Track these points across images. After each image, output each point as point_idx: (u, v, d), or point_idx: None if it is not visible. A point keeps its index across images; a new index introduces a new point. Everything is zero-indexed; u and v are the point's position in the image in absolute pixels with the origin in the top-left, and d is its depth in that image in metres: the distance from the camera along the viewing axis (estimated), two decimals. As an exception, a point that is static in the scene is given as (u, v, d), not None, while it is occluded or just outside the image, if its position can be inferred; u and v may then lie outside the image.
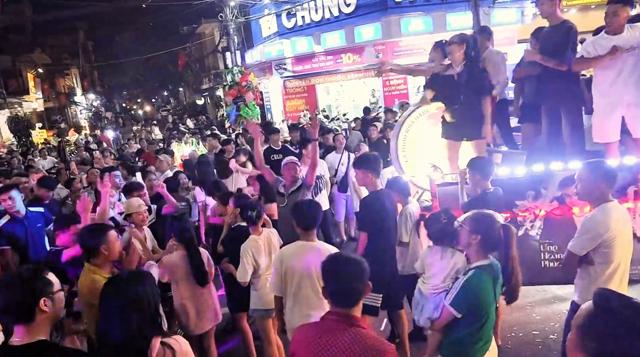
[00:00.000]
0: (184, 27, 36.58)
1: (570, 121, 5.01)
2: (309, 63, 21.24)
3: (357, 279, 2.21)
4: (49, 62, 36.49)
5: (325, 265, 2.30)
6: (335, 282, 2.23)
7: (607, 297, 1.54)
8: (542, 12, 5.02)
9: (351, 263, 2.25)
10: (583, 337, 1.51)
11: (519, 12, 18.82)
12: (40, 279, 2.21)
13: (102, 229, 3.41)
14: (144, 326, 2.14)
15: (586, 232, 3.15)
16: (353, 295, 2.21)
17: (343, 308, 2.20)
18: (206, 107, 40.01)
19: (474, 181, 4.25)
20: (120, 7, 26.37)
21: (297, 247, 3.56)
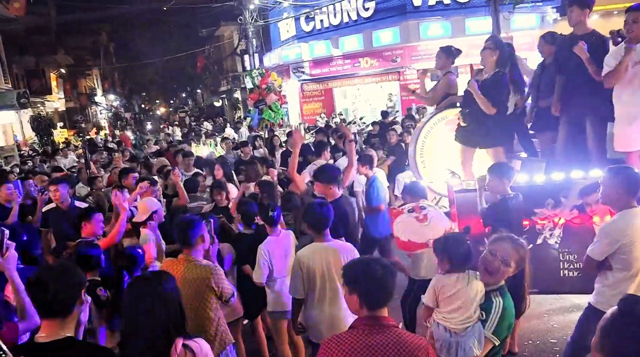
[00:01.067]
0: (203, 30, 37.00)
1: (595, 130, 4.95)
2: (327, 66, 21.30)
3: (390, 280, 2.25)
4: (72, 63, 37.16)
5: (357, 269, 2.29)
6: (369, 285, 2.22)
7: (632, 302, 1.55)
8: (571, 20, 4.96)
9: (382, 264, 2.27)
10: (603, 338, 1.53)
11: (539, 17, 18.63)
12: (79, 273, 2.28)
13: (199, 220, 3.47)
14: (170, 325, 2.17)
15: (605, 237, 3.21)
16: (387, 296, 2.24)
17: (376, 310, 2.22)
18: (224, 109, 40.34)
19: (495, 187, 4.21)
20: (141, 9, 26.76)
21: (314, 248, 3.58)
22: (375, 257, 2.42)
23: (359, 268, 2.28)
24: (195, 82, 48.34)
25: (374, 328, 2.18)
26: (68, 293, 2.15)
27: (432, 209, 4.49)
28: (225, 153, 10.55)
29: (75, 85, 40.09)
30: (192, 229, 3.32)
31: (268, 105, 14.95)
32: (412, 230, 4.22)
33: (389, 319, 2.25)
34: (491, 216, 4.21)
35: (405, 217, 4.30)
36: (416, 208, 4.34)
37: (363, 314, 2.23)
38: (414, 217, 4.07)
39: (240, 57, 29.59)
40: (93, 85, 43.63)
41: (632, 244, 3.11)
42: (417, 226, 4.19)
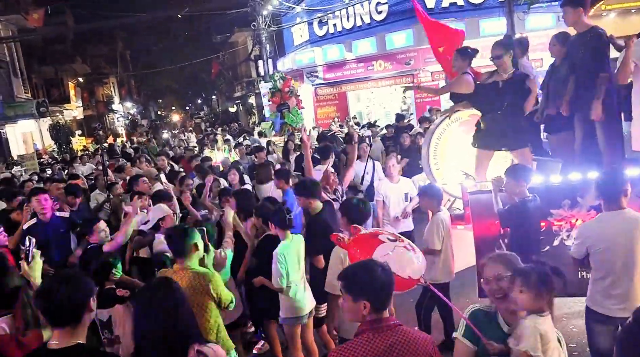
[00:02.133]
0: (218, 36, 37.39)
1: (605, 130, 4.86)
2: (340, 70, 21.31)
3: (392, 280, 2.29)
4: (89, 71, 37.81)
5: (361, 275, 2.27)
6: (378, 290, 2.22)
7: None
8: (567, 21, 4.91)
9: (381, 266, 2.28)
10: (619, 350, 1.48)
11: (555, 17, 18.38)
12: (86, 278, 2.28)
13: (191, 228, 3.52)
14: (185, 330, 2.17)
15: (577, 237, 3.48)
16: (391, 297, 2.30)
17: (383, 312, 2.24)
18: (238, 114, 40.62)
19: (514, 189, 4.13)
20: (156, 17, 27.11)
21: None
22: (371, 261, 2.38)
23: (363, 275, 2.26)
24: (210, 88, 48.80)
25: (382, 331, 2.19)
26: (76, 301, 2.15)
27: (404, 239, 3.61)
28: (240, 158, 10.60)
29: (92, 94, 40.74)
30: (185, 238, 3.35)
31: (290, 109, 14.93)
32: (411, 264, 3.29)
33: (391, 318, 2.28)
34: (510, 218, 4.16)
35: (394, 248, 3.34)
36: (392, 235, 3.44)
37: (369, 318, 2.22)
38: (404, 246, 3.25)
39: (254, 62, 29.79)
40: (110, 93, 44.29)
41: (604, 246, 3.27)
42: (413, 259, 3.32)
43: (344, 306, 2.32)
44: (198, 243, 3.40)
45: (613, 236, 3.28)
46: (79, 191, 6.66)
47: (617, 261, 3.26)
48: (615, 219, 3.31)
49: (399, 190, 6.02)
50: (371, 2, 19.51)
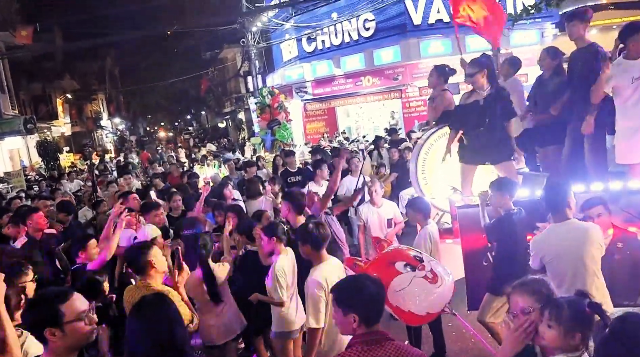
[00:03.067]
0: (207, 53, 37.52)
1: (592, 144, 4.97)
2: (329, 86, 21.48)
3: (383, 295, 2.34)
4: (78, 88, 37.69)
5: (351, 289, 2.31)
6: (368, 304, 2.27)
7: (623, 321, 1.54)
8: (572, 34, 5.03)
9: (372, 280, 2.34)
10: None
11: (539, 33, 18.78)
12: (48, 308, 2.13)
13: (148, 245, 3.51)
14: (185, 342, 2.18)
15: (532, 249, 3.65)
16: (382, 311, 2.33)
17: (374, 326, 2.27)
18: (228, 130, 40.63)
19: (499, 202, 4.21)
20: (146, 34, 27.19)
21: (329, 267, 3.49)
22: (363, 275, 2.43)
23: (353, 289, 2.31)
24: (199, 104, 48.82)
25: (372, 344, 2.21)
26: (31, 326, 2.16)
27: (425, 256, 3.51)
28: (229, 174, 10.61)
29: (81, 110, 40.57)
30: (139, 255, 3.36)
31: (281, 124, 14.73)
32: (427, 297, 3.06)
33: (385, 332, 2.27)
34: (496, 231, 4.22)
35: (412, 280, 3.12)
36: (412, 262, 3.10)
37: (360, 332, 2.25)
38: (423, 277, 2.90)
39: (243, 78, 29.91)
40: (99, 109, 44.13)
41: (554, 257, 3.41)
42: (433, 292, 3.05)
43: (336, 318, 2.35)
44: (155, 261, 3.36)
45: (561, 246, 3.42)
46: (72, 208, 6.62)
47: (567, 269, 3.39)
48: (561, 229, 3.47)
49: (382, 215, 5.67)
50: (359, 19, 19.77)
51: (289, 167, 8.88)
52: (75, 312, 2.15)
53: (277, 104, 15.56)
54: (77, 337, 2.15)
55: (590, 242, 3.38)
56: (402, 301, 3.06)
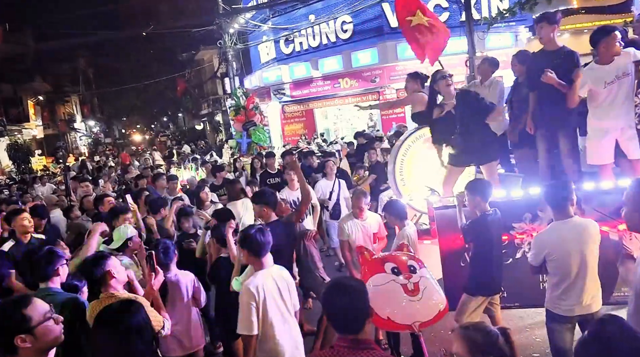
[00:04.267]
0: (183, 54, 37.12)
1: (567, 144, 5.06)
2: (307, 88, 21.48)
3: (360, 306, 2.23)
4: (50, 89, 36.83)
5: (325, 296, 2.30)
6: (339, 311, 2.24)
7: (602, 323, 1.55)
8: (542, 37, 5.11)
9: (348, 290, 2.26)
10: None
11: (513, 36, 19.11)
12: (13, 315, 2.09)
13: (103, 256, 3.38)
14: (147, 354, 2.12)
15: (534, 247, 3.75)
16: (360, 320, 2.22)
17: (352, 335, 2.21)
18: (205, 132, 40.26)
19: (473, 203, 4.27)
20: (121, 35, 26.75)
21: (264, 276, 3.38)
22: (344, 282, 2.34)
23: (328, 297, 2.28)
24: (176, 106, 48.25)
25: (352, 350, 2.18)
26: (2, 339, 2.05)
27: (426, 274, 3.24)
28: (206, 176, 10.50)
29: (53, 112, 39.62)
30: (94, 268, 3.20)
31: (256, 126, 14.45)
32: (397, 305, 3.00)
33: (369, 340, 2.24)
34: (471, 232, 4.26)
35: (388, 281, 3.08)
36: (401, 267, 3.02)
37: (339, 336, 2.24)
38: (401, 284, 2.82)
39: (220, 80, 29.70)
40: (72, 112, 43.17)
41: (559, 255, 3.54)
42: (403, 300, 2.97)
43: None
44: (115, 271, 3.24)
45: (566, 243, 3.53)
46: (45, 212, 6.44)
47: (572, 266, 3.53)
48: (565, 226, 3.57)
49: (367, 228, 5.19)
50: (336, 21, 19.83)
51: (269, 168, 8.81)
52: (41, 313, 2.12)
53: (252, 105, 15.26)
54: (48, 339, 2.13)
55: (592, 239, 3.55)
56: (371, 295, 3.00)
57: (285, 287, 3.42)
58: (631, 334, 1.53)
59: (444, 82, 5.18)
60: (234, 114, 15.57)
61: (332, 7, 19.42)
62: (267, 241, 3.40)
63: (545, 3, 10.33)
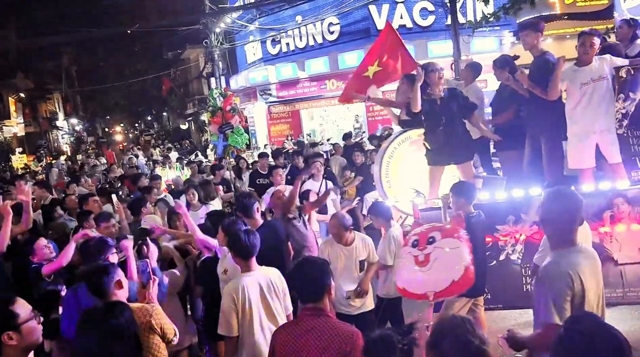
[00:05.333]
0: (169, 53, 36.83)
1: (549, 148, 5.15)
2: (294, 89, 21.47)
3: (317, 278, 2.65)
4: (32, 86, 36.22)
5: (292, 269, 2.76)
6: (301, 281, 2.69)
7: (577, 320, 1.60)
8: (526, 44, 5.21)
9: (311, 265, 2.72)
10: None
11: (498, 40, 19.35)
12: (1, 312, 2.09)
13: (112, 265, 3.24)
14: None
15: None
16: (317, 291, 2.64)
17: (310, 303, 2.65)
18: (190, 131, 39.98)
19: (458, 205, 4.32)
20: (105, 33, 26.41)
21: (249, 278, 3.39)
22: (309, 258, 2.87)
23: (295, 269, 2.76)
24: (161, 105, 47.82)
25: (308, 317, 2.63)
26: None
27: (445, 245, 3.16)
28: (191, 176, 10.43)
29: (35, 110, 38.99)
30: (104, 277, 3.02)
31: (234, 128, 14.17)
32: (408, 275, 3.11)
33: (326, 309, 2.65)
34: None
35: (405, 253, 3.19)
36: (421, 239, 3.08)
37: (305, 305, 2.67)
38: (414, 255, 2.90)
39: (206, 79, 29.52)
40: (54, 109, 42.54)
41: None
42: (413, 271, 3.03)
43: None
44: (122, 280, 3.13)
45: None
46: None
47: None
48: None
49: (352, 254, 4.37)
50: (323, 22, 19.86)
51: (260, 168, 8.78)
52: (27, 311, 2.13)
53: (229, 106, 14.88)
54: (31, 338, 2.12)
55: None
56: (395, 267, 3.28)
57: (272, 291, 3.39)
58: (606, 327, 1.58)
59: (436, 75, 5.30)
60: (210, 115, 15.27)
61: (319, 8, 19.45)
62: (253, 243, 3.41)
63: (529, 8, 10.50)
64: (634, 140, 4.73)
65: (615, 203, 4.48)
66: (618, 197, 4.48)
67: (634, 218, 4.47)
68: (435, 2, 18.36)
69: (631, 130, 4.76)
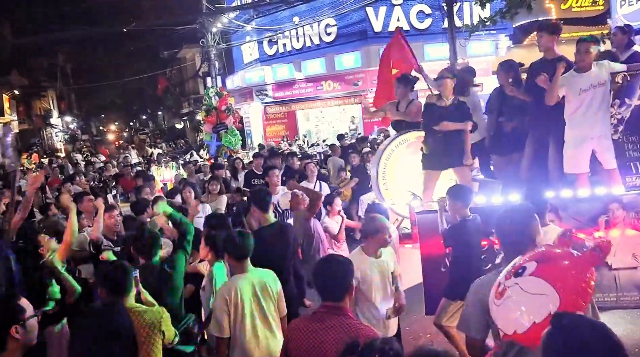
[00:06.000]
0: (165, 52, 36.70)
1: (556, 151, 5.17)
2: (290, 89, 21.47)
3: (341, 277, 2.59)
4: (26, 84, 36.02)
5: (317, 265, 2.70)
6: (322, 279, 2.62)
7: (560, 317, 1.62)
8: (541, 45, 5.23)
9: (336, 263, 2.65)
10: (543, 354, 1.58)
11: (494, 44, 19.45)
12: (11, 305, 2.14)
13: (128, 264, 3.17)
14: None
15: None
16: (339, 289, 2.57)
17: (331, 302, 2.58)
18: (185, 131, 39.87)
19: (454, 209, 4.32)
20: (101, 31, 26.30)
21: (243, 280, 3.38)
22: (335, 257, 2.83)
23: (318, 266, 2.70)
24: (156, 104, 47.69)
25: (327, 315, 2.56)
26: None
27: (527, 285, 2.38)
28: (188, 177, 10.40)
29: (29, 107, 38.75)
30: (123, 275, 2.90)
31: (228, 129, 14.03)
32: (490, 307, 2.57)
33: (346, 309, 2.58)
34: (451, 237, 4.31)
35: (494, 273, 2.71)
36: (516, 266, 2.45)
37: (321, 303, 2.61)
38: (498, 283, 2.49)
39: (202, 79, 29.44)
40: (49, 107, 42.28)
41: None
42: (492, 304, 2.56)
43: None
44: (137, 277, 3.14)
45: None
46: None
47: None
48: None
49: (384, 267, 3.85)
50: (320, 24, 19.87)
51: (255, 168, 8.76)
52: (31, 309, 2.18)
53: (224, 106, 14.74)
54: (31, 336, 2.15)
55: None
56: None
57: (266, 293, 3.37)
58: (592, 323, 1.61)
59: (451, 83, 5.37)
60: (205, 114, 15.15)
61: (317, 9, 19.46)
62: (247, 244, 3.40)
63: (525, 13, 10.55)
64: (629, 145, 4.75)
65: (610, 208, 4.50)
66: (613, 202, 4.51)
67: (629, 223, 4.49)
68: (432, 5, 18.40)
69: (626, 136, 4.78)
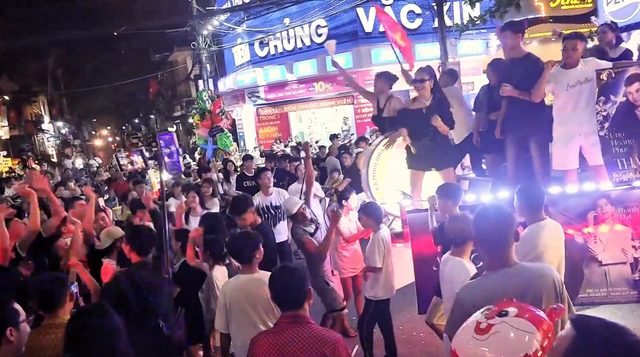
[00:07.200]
0: (156, 55, 36.59)
1: (539, 150, 5.20)
2: (282, 91, 21.47)
3: (297, 285, 2.60)
4: (17, 89, 35.79)
5: (271, 277, 2.72)
6: (280, 290, 2.63)
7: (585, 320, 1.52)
8: (506, 45, 5.25)
9: (291, 272, 2.67)
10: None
11: (484, 43, 19.53)
12: (6, 308, 2.15)
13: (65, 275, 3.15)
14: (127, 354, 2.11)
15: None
16: (298, 298, 2.59)
17: (292, 310, 2.59)
18: (178, 134, 39.75)
19: (444, 207, 4.34)
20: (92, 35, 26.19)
21: (237, 280, 3.48)
22: (288, 265, 2.82)
23: (273, 277, 2.71)
24: (148, 107, 47.51)
25: (290, 325, 2.56)
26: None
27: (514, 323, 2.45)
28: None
29: (20, 113, 38.51)
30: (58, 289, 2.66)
31: (223, 131, 14.12)
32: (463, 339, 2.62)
33: (307, 317, 2.60)
34: (440, 235, 4.32)
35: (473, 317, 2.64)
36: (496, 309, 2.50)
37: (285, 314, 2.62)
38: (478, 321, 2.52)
39: (194, 82, 29.38)
40: (40, 112, 42.04)
41: (541, 254, 3.41)
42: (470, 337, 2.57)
43: None
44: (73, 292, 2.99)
45: (545, 243, 3.47)
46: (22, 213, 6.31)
47: (553, 263, 3.39)
48: (544, 228, 3.52)
49: None
50: (311, 25, 19.89)
51: (246, 171, 8.75)
52: (24, 313, 2.21)
53: (218, 109, 14.78)
54: (23, 340, 2.15)
55: (563, 240, 3.57)
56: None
57: (260, 297, 3.34)
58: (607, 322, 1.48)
59: (430, 82, 5.39)
60: (198, 118, 15.16)
61: (307, 10, 19.48)
62: (243, 245, 3.44)
63: (514, 11, 10.61)
64: (615, 142, 4.79)
65: (599, 204, 4.53)
66: (602, 198, 4.54)
67: (618, 219, 4.52)
68: (423, 5, 18.48)
69: (612, 132, 4.81)
